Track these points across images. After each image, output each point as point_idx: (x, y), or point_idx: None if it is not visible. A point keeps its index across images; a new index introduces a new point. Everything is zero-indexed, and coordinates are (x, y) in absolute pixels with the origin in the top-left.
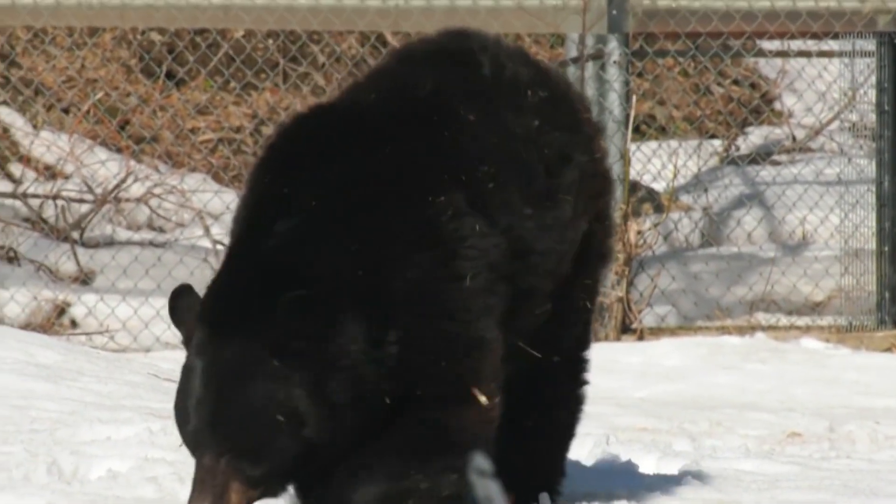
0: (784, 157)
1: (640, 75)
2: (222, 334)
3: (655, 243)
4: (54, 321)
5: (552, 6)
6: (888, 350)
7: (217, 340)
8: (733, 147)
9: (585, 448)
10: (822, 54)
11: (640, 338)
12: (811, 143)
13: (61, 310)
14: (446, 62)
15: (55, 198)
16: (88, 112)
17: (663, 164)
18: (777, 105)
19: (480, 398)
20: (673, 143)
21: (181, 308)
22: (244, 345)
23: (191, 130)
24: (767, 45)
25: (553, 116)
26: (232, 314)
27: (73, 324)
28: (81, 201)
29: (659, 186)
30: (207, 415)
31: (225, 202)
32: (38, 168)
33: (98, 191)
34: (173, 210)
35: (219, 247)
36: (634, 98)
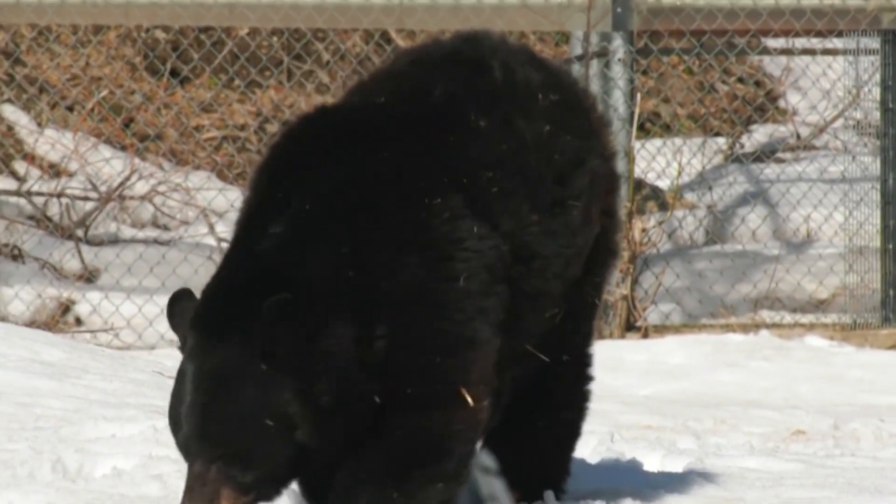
0: (788, 155)
1: (645, 73)
2: (212, 339)
3: (660, 241)
4: (59, 319)
5: (557, 4)
6: (892, 347)
7: (207, 345)
8: (738, 145)
9: (590, 446)
10: (827, 52)
11: (645, 335)
12: (815, 141)
13: (66, 307)
14: (457, 66)
15: (59, 196)
16: (93, 110)
17: (668, 162)
18: (781, 103)
19: (468, 399)
20: (677, 141)
21: (178, 312)
22: (233, 350)
23: (195, 128)
24: (772, 43)
25: (565, 120)
26: (222, 318)
27: (78, 321)
28: (86, 199)
29: (663, 184)
30: (197, 421)
31: (229, 200)
32: (43, 166)
33: (102, 188)
34: (178, 208)
35: (223, 244)
36: (639, 96)
